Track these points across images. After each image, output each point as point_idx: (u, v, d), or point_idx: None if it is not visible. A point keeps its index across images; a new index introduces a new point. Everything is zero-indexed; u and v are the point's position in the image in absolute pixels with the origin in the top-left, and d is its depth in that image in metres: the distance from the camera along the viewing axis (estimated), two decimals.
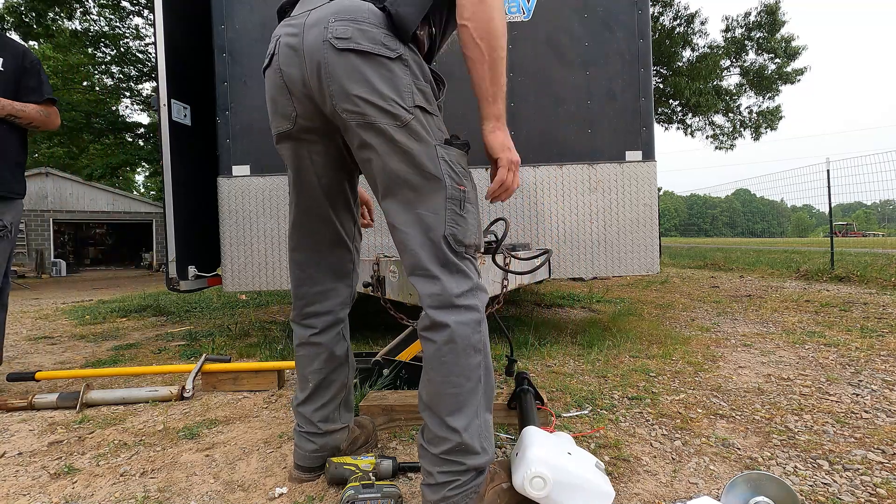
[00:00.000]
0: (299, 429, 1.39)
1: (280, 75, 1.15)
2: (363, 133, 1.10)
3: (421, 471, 1.16)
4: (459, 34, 1.14)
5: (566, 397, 2.07)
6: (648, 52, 3.09)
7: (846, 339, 3.09)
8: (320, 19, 1.10)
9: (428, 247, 1.10)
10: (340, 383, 1.41)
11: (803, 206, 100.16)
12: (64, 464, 1.54)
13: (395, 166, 1.09)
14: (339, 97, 1.09)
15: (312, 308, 1.38)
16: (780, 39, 15.03)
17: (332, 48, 1.07)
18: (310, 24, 1.11)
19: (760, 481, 1.13)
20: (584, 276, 3.12)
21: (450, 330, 1.08)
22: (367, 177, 1.18)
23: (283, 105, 1.18)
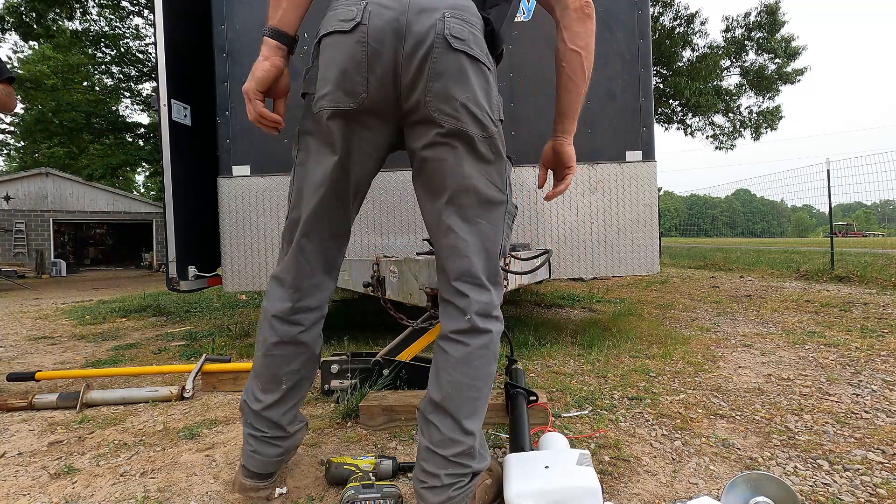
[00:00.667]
0: (262, 434, 1.24)
1: (365, 49, 1.04)
2: (447, 136, 1.08)
3: (418, 472, 1.14)
4: (567, 59, 1.20)
5: (566, 397, 2.07)
6: (648, 52, 3.09)
7: (846, 339, 3.09)
8: (433, 7, 1.05)
9: (484, 257, 1.14)
10: (310, 380, 1.35)
11: (803, 207, 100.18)
12: (64, 464, 1.54)
13: (470, 174, 1.10)
14: (439, 97, 1.06)
15: (305, 303, 1.25)
16: (780, 39, 15.04)
17: (447, 45, 1.04)
18: (418, 8, 1.05)
19: (760, 481, 1.13)
20: (584, 276, 3.12)
21: (490, 336, 1.14)
22: (425, 174, 1.14)
23: (355, 81, 1.06)
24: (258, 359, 1.26)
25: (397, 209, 3.13)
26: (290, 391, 1.27)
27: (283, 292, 1.23)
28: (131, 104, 16.96)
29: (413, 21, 1.04)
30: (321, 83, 1.11)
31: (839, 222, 46.91)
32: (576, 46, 1.18)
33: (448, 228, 1.12)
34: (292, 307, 1.23)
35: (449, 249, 1.14)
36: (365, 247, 3.13)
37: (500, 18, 1.19)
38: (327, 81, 1.09)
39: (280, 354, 1.24)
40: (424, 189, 1.16)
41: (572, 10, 1.18)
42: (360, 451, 1.60)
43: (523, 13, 3.11)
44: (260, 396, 1.25)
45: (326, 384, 2.13)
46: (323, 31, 1.11)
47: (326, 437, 1.71)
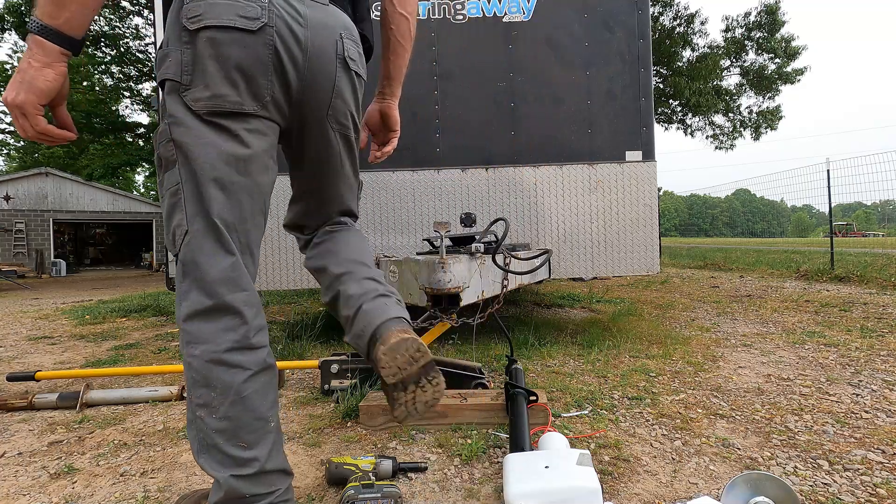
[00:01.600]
0: (276, 490, 0.99)
1: (272, 53, 1.02)
2: (337, 140, 1.21)
3: (390, 301, 1.18)
4: (397, 22, 1.23)
5: (566, 397, 2.07)
6: (648, 52, 3.09)
7: (846, 339, 3.09)
8: (330, 26, 1.11)
9: (356, 204, 1.43)
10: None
11: (803, 206, 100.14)
12: (64, 464, 1.54)
13: (349, 168, 1.30)
14: (339, 112, 1.17)
15: (261, 319, 1.06)
16: (780, 39, 15.04)
17: (346, 66, 1.14)
18: (319, 24, 1.08)
19: (760, 481, 1.13)
20: (584, 276, 3.12)
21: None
22: (312, 159, 1.23)
23: (259, 83, 1.03)
24: (227, 410, 0.97)
25: (397, 209, 3.13)
26: (278, 432, 1.05)
27: (245, 311, 1.02)
28: (131, 104, 16.97)
29: (315, 37, 1.08)
30: (212, 80, 1.00)
31: (839, 222, 46.93)
32: (405, 11, 1.23)
33: (339, 194, 1.33)
34: (254, 325, 1.03)
35: (337, 202, 1.34)
36: None
37: (371, 34, 1.27)
38: (224, 80, 1.01)
39: (262, 384, 1.02)
40: (310, 166, 1.24)
41: (396, 8, 1.22)
42: (360, 451, 1.60)
43: (523, 13, 3.11)
44: (250, 454, 0.97)
45: (326, 384, 2.13)
46: (211, 21, 0.98)
47: (326, 437, 1.71)
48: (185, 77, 1.00)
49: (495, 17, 3.12)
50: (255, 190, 1.07)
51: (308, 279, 3.15)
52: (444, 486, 1.36)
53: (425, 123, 3.13)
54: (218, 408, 0.97)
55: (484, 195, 3.12)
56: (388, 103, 1.36)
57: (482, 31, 3.12)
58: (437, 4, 3.12)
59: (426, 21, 3.12)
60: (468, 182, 3.12)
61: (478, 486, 1.36)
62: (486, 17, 3.12)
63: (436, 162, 3.12)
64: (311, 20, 1.07)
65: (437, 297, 1.75)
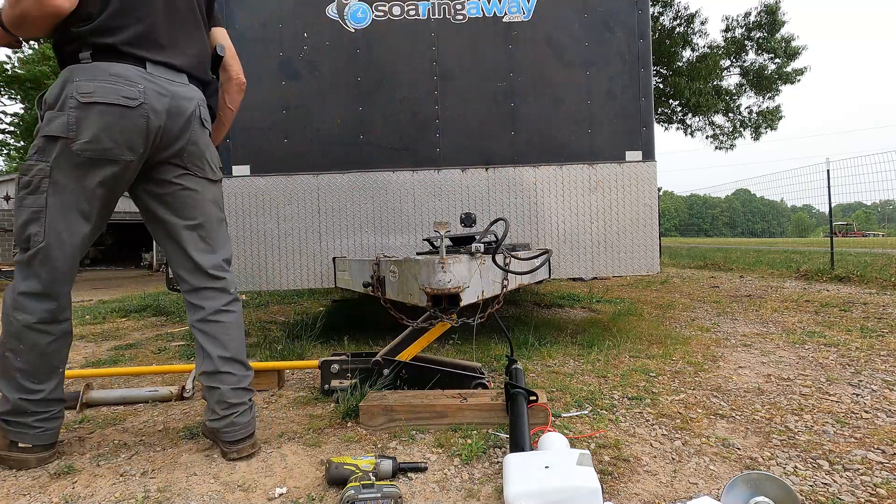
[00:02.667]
0: (50, 412, 1.54)
1: (146, 122, 1.46)
2: (190, 180, 1.60)
3: (225, 408, 1.55)
4: (225, 113, 1.80)
5: (566, 397, 2.07)
6: (648, 52, 3.09)
7: (846, 339, 3.09)
8: (191, 98, 1.56)
9: (228, 253, 1.72)
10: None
11: (803, 207, 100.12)
12: (64, 464, 1.54)
13: (211, 203, 1.65)
14: (195, 156, 1.60)
15: (67, 300, 1.55)
16: (780, 39, 15.03)
17: (201, 125, 1.60)
18: (182, 97, 1.54)
19: (760, 481, 1.13)
20: (584, 276, 3.12)
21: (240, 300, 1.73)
22: (173, 203, 1.59)
23: (137, 143, 1.46)
24: (29, 358, 1.48)
25: (397, 209, 3.13)
26: (63, 369, 1.58)
27: (50, 304, 1.50)
28: None
29: (180, 106, 1.53)
30: (99, 136, 1.41)
31: (839, 222, 46.90)
32: (233, 106, 1.81)
33: (199, 241, 1.62)
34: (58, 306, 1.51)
35: (203, 249, 1.63)
36: (365, 247, 3.13)
37: (215, 106, 1.74)
38: (108, 139, 1.42)
39: (55, 348, 1.52)
40: (169, 208, 1.59)
41: (235, 83, 1.78)
42: (360, 451, 1.60)
43: (523, 13, 3.11)
44: (39, 387, 1.50)
45: (326, 384, 2.13)
46: (100, 98, 1.40)
47: (326, 437, 1.71)
48: (70, 133, 1.40)
49: (495, 17, 3.12)
50: (105, 217, 1.55)
51: (308, 279, 3.15)
52: (444, 486, 1.36)
53: (425, 123, 3.13)
54: (23, 355, 1.48)
55: (484, 195, 3.12)
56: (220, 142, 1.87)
57: (482, 31, 3.12)
58: (437, 4, 3.12)
59: (426, 21, 3.12)
60: (468, 182, 3.12)
61: (478, 486, 1.36)
62: (486, 17, 3.12)
63: (436, 162, 3.12)
64: (176, 94, 1.52)
65: (437, 297, 1.75)
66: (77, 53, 1.42)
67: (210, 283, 1.62)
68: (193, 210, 1.61)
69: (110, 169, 1.45)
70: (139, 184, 1.60)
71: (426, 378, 2.05)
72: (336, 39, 3.13)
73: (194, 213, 1.61)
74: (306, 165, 3.12)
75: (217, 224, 1.67)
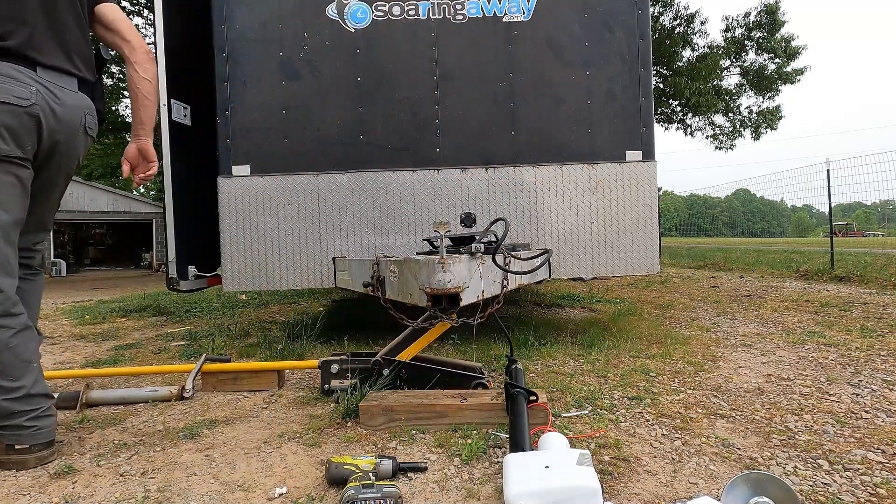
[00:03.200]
0: (39, 408, 1.56)
1: (36, 123, 1.53)
2: (62, 177, 1.73)
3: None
4: (142, 85, 1.76)
5: (566, 397, 2.07)
6: (648, 52, 3.09)
7: (846, 339, 3.09)
8: (78, 106, 1.65)
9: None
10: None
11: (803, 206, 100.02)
12: (64, 464, 1.54)
13: (59, 198, 1.80)
14: (71, 159, 1.69)
15: (15, 294, 1.58)
16: (780, 39, 15.04)
17: (85, 133, 1.69)
18: (72, 105, 1.62)
19: (760, 481, 1.13)
20: (584, 276, 3.12)
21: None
22: (42, 195, 1.69)
23: (25, 140, 1.52)
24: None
25: (397, 209, 3.13)
26: (39, 364, 1.60)
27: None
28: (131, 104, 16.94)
29: (69, 114, 1.62)
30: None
31: (839, 222, 46.86)
32: (147, 76, 1.76)
33: (44, 221, 1.77)
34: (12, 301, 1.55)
35: (41, 226, 1.76)
36: (365, 247, 3.13)
37: (102, 109, 1.80)
38: (5, 137, 1.49)
39: (20, 342, 1.54)
40: (38, 194, 1.66)
41: (140, 52, 1.75)
42: (360, 451, 1.60)
43: (523, 13, 3.11)
44: (16, 384, 1.51)
45: (326, 384, 2.13)
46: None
47: (326, 437, 1.71)
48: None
49: (495, 17, 3.12)
50: (22, 204, 1.58)
51: (308, 279, 3.15)
52: (444, 486, 1.36)
53: (425, 123, 3.13)
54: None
55: (484, 195, 3.12)
56: (143, 141, 1.82)
57: (482, 31, 3.12)
58: (437, 4, 3.12)
59: (426, 21, 3.12)
60: (468, 182, 3.12)
61: (478, 486, 1.36)
62: (486, 17, 3.12)
63: (436, 162, 3.12)
64: (65, 101, 1.60)
65: (437, 297, 1.75)
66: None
67: (31, 252, 1.74)
68: (50, 200, 1.75)
69: (6, 165, 1.52)
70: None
71: (426, 378, 2.05)
72: (336, 39, 3.13)
73: (52, 202, 1.76)
74: (306, 165, 3.12)
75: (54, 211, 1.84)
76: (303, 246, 3.14)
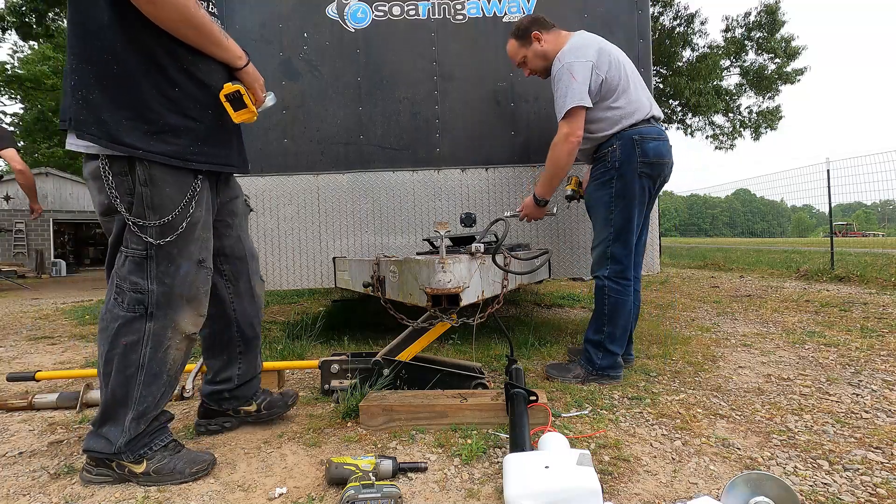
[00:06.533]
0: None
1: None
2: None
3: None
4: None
5: (566, 397, 2.07)
6: (648, 52, 3.09)
7: (846, 339, 3.09)
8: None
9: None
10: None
11: (803, 206, 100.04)
12: (64, 464, 1.54)
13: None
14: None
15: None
16: (780, 39, 15.04)
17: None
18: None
19: (760, 481, 1.13)
20: (584, 276, 3.12)
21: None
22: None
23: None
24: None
25: (397, 209, 3.13)
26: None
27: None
28: None
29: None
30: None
31: (839, 222, 46.86)
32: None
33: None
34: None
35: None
36: (365, 247, 3.13)
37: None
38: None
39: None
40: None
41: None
42: (360, 451, 1.60)
43: (523, 13, 3.11)
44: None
45: (326, 384, 2.13)
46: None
47: (326, 437, 1.71)
48: None
49: (495, 17, 3.12)
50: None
51: (308, 279, 3.15)
52: (444, 486, 1.36)
53: (425, 123, 3.13)
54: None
55: (484, 195, 3.12)
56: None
57: (482, 31, 3.12)
58: (437, 4, 3.12)
59: (426, 21, 3.12)
60: (468, 182, 3.12)
61: (478, 486, 1.36)
62: (486, 17, 3.12)
63: (436, 162, 3.12)
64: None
65: (437, 297, 1.75)
66: None
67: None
68: None
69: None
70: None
71: (426, 378, 2.05)
72: (336, 39, 3.13)
73: None
74: (306, 165, 3.12)
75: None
76: (303, 246, 3.14)
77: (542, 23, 2.45)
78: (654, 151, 2.23)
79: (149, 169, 1.34)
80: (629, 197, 2.23)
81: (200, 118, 1.40)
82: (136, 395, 1.39)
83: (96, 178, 1.36)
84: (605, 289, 2.27)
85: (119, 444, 1.38)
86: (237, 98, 1.42)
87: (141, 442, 1.41)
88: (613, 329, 2.25)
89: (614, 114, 2.23)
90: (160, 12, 1.25)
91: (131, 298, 1.38)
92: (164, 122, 1.34)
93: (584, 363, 2.29)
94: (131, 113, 1.31)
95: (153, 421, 1.44)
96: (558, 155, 2.23)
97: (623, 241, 2.26)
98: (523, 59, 2.49)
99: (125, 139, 1.30)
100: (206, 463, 1.45)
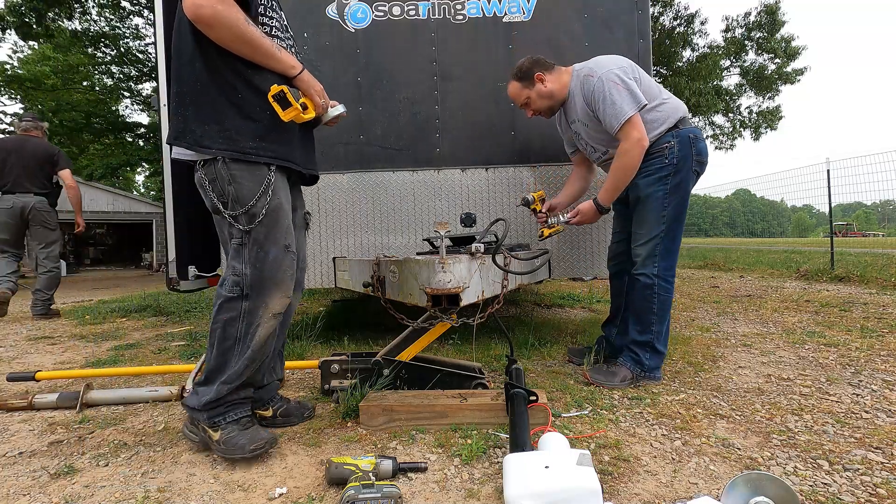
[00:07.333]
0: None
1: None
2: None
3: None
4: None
5: (566, 397, 2.07)
6: (648, 52, 3.09)
7: (846, 339, 3.09)
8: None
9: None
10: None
11: (803, 207, 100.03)
12: (64, 464, 1.54)
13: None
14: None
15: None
16: (780, 39, 15.05)
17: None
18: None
19: (760, 481, 1.13)
20: (584, 276, 3.12)
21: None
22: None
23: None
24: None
25: (397, 209, 3.13)
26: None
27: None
28: (131, 104, 16.96)
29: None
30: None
31: (839, 222, 46.84)
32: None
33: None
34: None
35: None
36: (365, 247, 3.13)
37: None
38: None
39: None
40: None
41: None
42: (360, 451, 1.60)
43: (523, 13, 3.11)
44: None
45: (326, 384, 2.13)
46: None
47: (326, 437, 1.71)
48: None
49: (495, 17, 3.12)
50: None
51: (308, 279, 3.14)
52: (444, 486, 1.36)
53: (425, 123, 3.13)
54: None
55: (484, 195, 3.12)
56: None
57: (482, 31, 3.12)
58: (437, 4, 3.12)
59: (426, 21, 3.12)
60: (468, 182, 3.12)
61: (478, 486, 1.36)
62: (486, 17, 3.12)
63: (436, 162, 3.12)
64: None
65: (437, 297, 1.75)
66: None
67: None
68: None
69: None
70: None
71: (426, 378, 2.05)
72: (336, 39, 3.13)
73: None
74: None
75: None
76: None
77: (543, 64, 2.46)
78: (705, 151, 2.29)
79: (229, 168, 1.56)
80: (682, 193, 2.24)
81: (259, 119, 1.59)
82: (231, 364, 1.57)
83: (201, 185, 1.62)
84: (654, 287, 2.22)
85: (202, 402, 1.55)
86: (282, 98, 1.55)
87: (218, 409, 1.57)
88: (661, 328, 2.23)
89: (660, 114, 2.25)
90: (217, 33, 1.47)
91: (231, 281, 1.59)
92: (232, 125, 1.56)
93: (632, 365, 2.24)
94: (210, 121, 1.55)
95: (235, 391, 1.58)
96: (633, 162, 2.19)
97: (673, 237, 2.25)
98: (526, 100, 2.50)
99: (206, 143, 1.54)
100: (264, 441, 1.53)
